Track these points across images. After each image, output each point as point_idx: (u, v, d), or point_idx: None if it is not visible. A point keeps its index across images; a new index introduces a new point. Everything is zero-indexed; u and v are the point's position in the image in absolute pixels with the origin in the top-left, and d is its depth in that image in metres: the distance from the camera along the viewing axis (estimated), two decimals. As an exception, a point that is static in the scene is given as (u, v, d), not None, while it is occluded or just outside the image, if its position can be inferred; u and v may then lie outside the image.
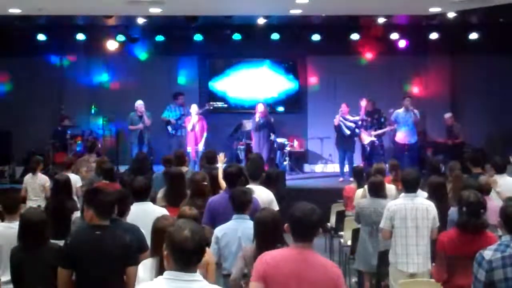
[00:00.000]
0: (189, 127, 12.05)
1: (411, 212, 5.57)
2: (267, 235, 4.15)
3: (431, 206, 5.65)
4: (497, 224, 3.94)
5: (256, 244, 4.20)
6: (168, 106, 12.52)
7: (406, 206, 5.60)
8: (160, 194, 6.94)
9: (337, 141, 12.40)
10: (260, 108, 12.02)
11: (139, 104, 12.20)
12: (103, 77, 13.89)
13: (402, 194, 5.80)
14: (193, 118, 12.02)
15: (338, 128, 12.16)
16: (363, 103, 12.16)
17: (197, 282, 2.81)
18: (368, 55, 13.60)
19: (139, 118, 12.20)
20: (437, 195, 5.99)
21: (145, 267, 3.86)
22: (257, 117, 11.96)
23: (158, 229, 3.93)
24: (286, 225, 3.48)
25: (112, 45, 13.35)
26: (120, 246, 3.97)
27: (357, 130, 12.24)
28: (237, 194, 4.97)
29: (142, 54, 13.82)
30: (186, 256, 2.79)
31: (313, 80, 13.94)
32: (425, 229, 5.56)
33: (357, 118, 12.22)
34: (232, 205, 4.94)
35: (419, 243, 5.54)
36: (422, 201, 5.73)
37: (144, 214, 5.07)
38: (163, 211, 5.50)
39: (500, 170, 7.33)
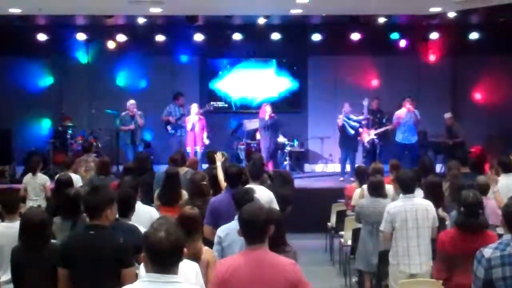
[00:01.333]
0: (188, 126, 11.99)
1: (411, 213, 5.55)
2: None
3: (430, 206, 5.64)
4: (499, 223, 3.93)
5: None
6: (168, 106, 12.47)
7: (406, 207, 5.58)
8: (156, 193, 6.96)
9: (340, 141, 12.31)
10: (269, 109, 12.03)
11: (131, 103, 12.09)
12: (102, 77, 13.86)
13: (401, 196, 5.77)
14: (193, 117, 11.99)
15: (342, 128, 12.10)
16: (365, 102, 12.17)
17: (175, 284, 2.75)
18: (368, 55, 13.57)
19: (131, 118, 12.09)
20: (433, 195, 5.99)
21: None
22: (267, 116, 11.96)
23: None
24: (237, 230, 3.49)
25: (112, 45, 13.35)
26: (112, 246, 3.92)
27: (360, 130, 12.22)
28: (239, 194, 4.97)
29: (141, 54, 13.79)
30: (162, 257, 2.75)
31: (313, 80, 13.91)
32: (426, 229, 5.55)
33: (360, 117, 12.20)
34: (234, 205, 4.94)
35: (420, 244, 5.53)
36: (421, 201, 5.72)
37: None
38: (151, 210, 5.57)
39: (506, 169, 7.35)
